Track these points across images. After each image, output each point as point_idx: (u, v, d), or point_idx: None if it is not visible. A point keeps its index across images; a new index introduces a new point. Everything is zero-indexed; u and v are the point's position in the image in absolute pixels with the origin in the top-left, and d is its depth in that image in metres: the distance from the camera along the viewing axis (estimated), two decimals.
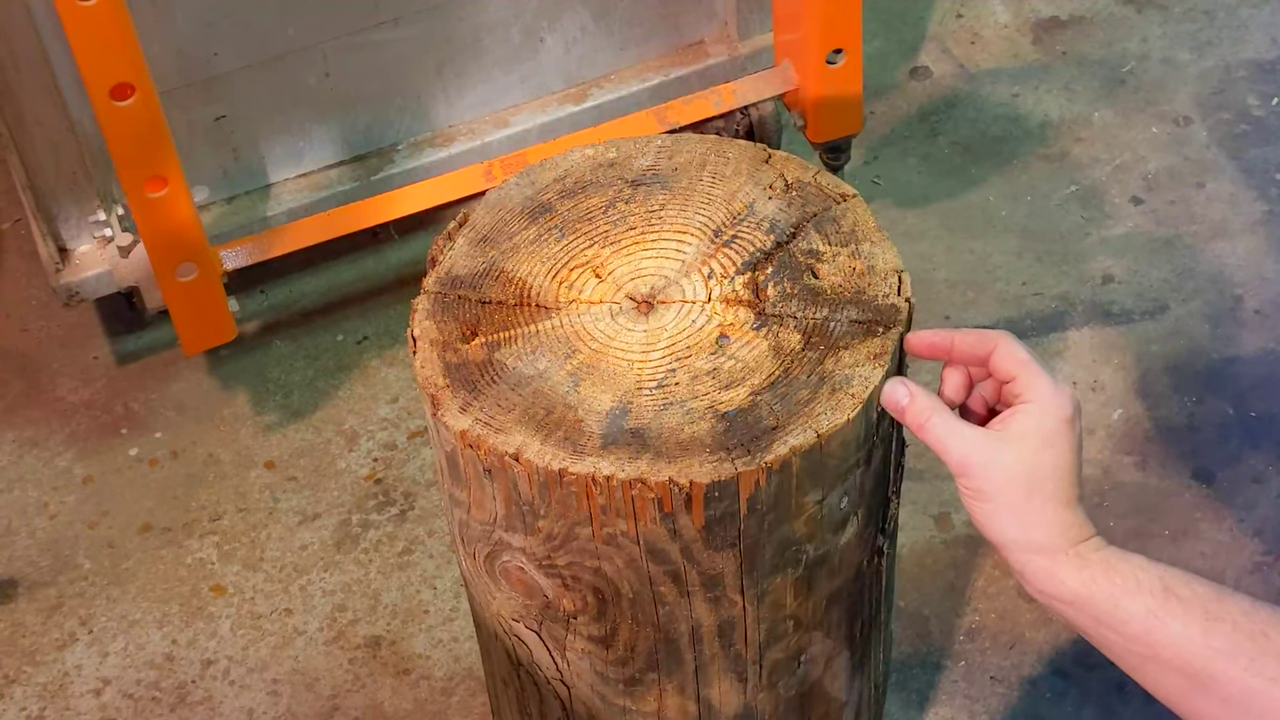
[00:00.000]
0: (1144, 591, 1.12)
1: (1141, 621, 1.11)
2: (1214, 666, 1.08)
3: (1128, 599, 1.12)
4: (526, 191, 1.34)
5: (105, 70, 1.75)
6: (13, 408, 2.21)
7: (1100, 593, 1.12)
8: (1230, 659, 1.08)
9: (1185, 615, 1.10)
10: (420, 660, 1.89)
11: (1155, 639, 1.10)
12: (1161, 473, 2.01)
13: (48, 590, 2.00)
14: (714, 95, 2.19)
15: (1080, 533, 1.15)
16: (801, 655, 1.32)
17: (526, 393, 1.19)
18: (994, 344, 1.18)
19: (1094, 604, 1.12)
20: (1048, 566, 1.14)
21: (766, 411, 1.16)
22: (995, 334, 1.19)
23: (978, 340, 1.19)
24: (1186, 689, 1.10)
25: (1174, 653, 1.10)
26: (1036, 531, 1.14)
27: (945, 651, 1.86)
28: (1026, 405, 1.15)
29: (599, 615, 1.24)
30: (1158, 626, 1.10)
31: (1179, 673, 1.10)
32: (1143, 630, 1.11)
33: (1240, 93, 2.49)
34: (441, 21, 2.12)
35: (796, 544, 1.22)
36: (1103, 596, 1.12)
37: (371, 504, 2.06)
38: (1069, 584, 1.13)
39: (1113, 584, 1.12)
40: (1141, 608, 1.11)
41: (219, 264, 2.00)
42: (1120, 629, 1.12)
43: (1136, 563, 1.14)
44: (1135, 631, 1.11)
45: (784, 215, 1.30)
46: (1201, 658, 1.09)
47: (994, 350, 1.18)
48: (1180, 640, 1.10)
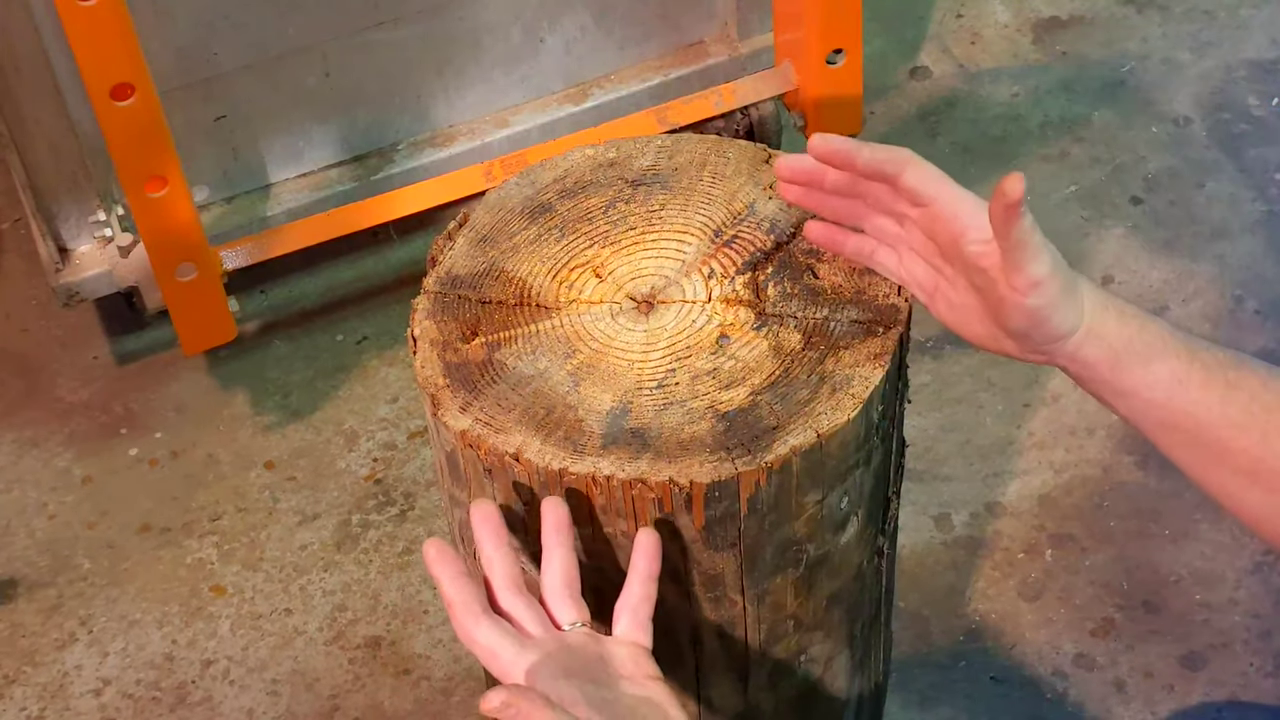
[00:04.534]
0: (1171, 356, 1.10)
1: (1164, 388, 1.09)
2: (1229, 438, 1.07)
3: (1155, 364, 1.09)
4: (526, 191, 1.34)
5: (105, 70, 1.75)
6: (12, 408, 2.21)
7: (1133, 357, 1.10)
8: (1245, 431, 1.07)
9: (1207, 383, 1.08)
10: (420, 660, 1.89)
11: (1176, 405, 1.09)
12: (1161, 473, 2.01)
13: (47, 590, 2.00)
14: (714, 95, 2.19)
15: (1104, 298, 1.13)
16: (801, 655, 1.32)
17: (526, 392, 1.19)
18: (904, 165, 1.13)
19: (1121, 368, 1.10)
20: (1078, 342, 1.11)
21: (767, 411, 1.16)
22: (903, 153, 1.14)
23: (887, 157, 1.14)
24: (1202, 458, 1.09)
25: (1194, 421, 1.08)
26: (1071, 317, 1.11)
27: (945, 651, 1.86)
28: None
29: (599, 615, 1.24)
30: (1180, 393, 1.08)
31: (1196, 443, 1.09)
32: (1164, 396, 1.09)
33: (1240, 93, 2.49)
34: (441, 21, 2.12)
35: (796, 544, 1.22)
36: (1134, 360, 1.10)
37: (371, 504, 2.05)
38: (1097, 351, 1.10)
39: (1146, 346, 1.10)
40: (1166, 373, 1.09)
41: (219, 264, 2.00)
42: (1141, 394, 1.09)
43: (1158, 324, 1.11)
44: (1157, 396, 1.09)
45: (784, 215, 1.30)
46: (1218, 428, 1.07)
47: (904, 172, 1.13)
48: (1200, 409, 1.08)
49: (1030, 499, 2.00)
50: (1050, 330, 1.11)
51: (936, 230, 1.14)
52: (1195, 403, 1.08)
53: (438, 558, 1.11)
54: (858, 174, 1.16)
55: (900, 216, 1.17)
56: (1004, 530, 1.97)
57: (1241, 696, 1.80)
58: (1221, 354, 1.10)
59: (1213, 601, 1.89)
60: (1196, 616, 1.88)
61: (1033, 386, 2.12)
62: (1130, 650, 1.85)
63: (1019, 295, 1.10)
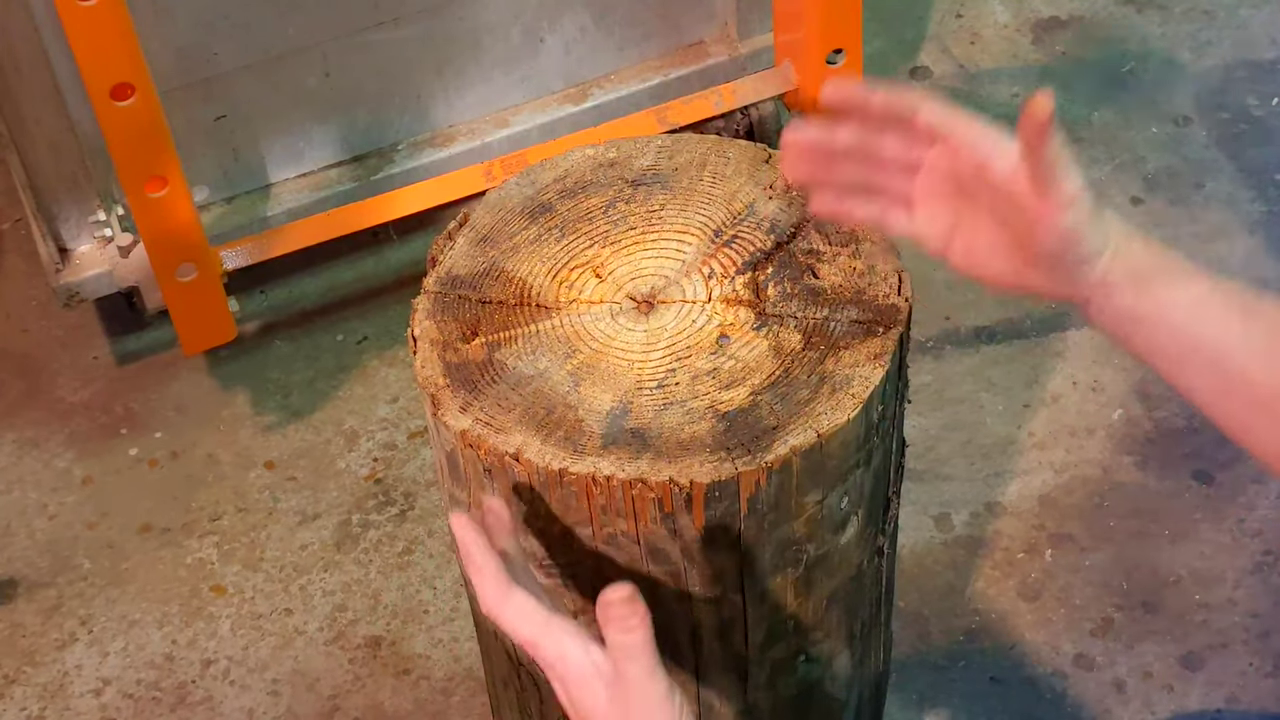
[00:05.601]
0: (1193, 282, 1.08)
1: (1185, 313, 1.07)
2: (1247, 366, 1.06)
3: (1177, 289, 1.08)
4: (526, 191, 1.34)
5: (105, 70, 1.75)
6: (13, 408, 2.21)
7: (1156, 282, 1.09)
8: (1264, 361, 1.05)
9: (1226, 309, 1.07)
10: (420, 660, 1.89)
11: (1196, 330, 1.07)
12: (1162, 473, 2.01)
13: (47, 590, 2.00)
14: (714, 95, 2.19)
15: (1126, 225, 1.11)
16: (801, 655, 1.32)
17: (527, 392, 1.19)
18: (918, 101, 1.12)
19: (1150, 294, 1.08)
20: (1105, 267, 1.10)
21: (767, 411, 1.16)
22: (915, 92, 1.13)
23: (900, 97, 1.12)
24: (1220, 389, 1.08)
25: (1211, 350, 1.07)
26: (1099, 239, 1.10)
27: (945, 651, 1.86)
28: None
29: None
30: (1201, 316, 1.07)
31: (1215, 372, 1.07)
32: (1184, 322, 1.07)
33: (1240, 93, 2.49)
34: (441, 21, 2.12)
35: (796, 544, 1.22)
36: (1158, 285, 1.08)
37: (371, 504, 2.06)
38: (1122, 277, 1.09)
39: (1168, 271, 1.09)
40: (1188, 298, 1.08)
41: (219, 264, 2.00)
42: (1164, 320, 1.08)
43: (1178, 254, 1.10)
44: (1177, 323, 1.08)
45: (784, 215, 1.30)
46: (1237, 355, 1.06)
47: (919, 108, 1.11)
48: (1219, 334, 1.06)
49: (1030, 499, 2.00)
50: (1083, 249, 1.09)
51: (958, 164, 1.12)
52: (1215, 328, 1.07)
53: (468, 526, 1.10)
54: (871, 119, 1.14)
55: (912, 167, 1.15)
56: (1004, 530, 1.97)
57: (1240, 697, 1.80)
58: (1241, 284, 1.09)
59: (1212, 601, 1.89)
60: (1195, 616, 1.88)
61: (1033, 386, 2.12)
62: (1129, 650, 1.85)
63: (1054, 214, 1.08)
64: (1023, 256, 1.11)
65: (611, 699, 1.05)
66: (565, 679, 1.07)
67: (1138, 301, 1.09)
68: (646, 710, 1.05)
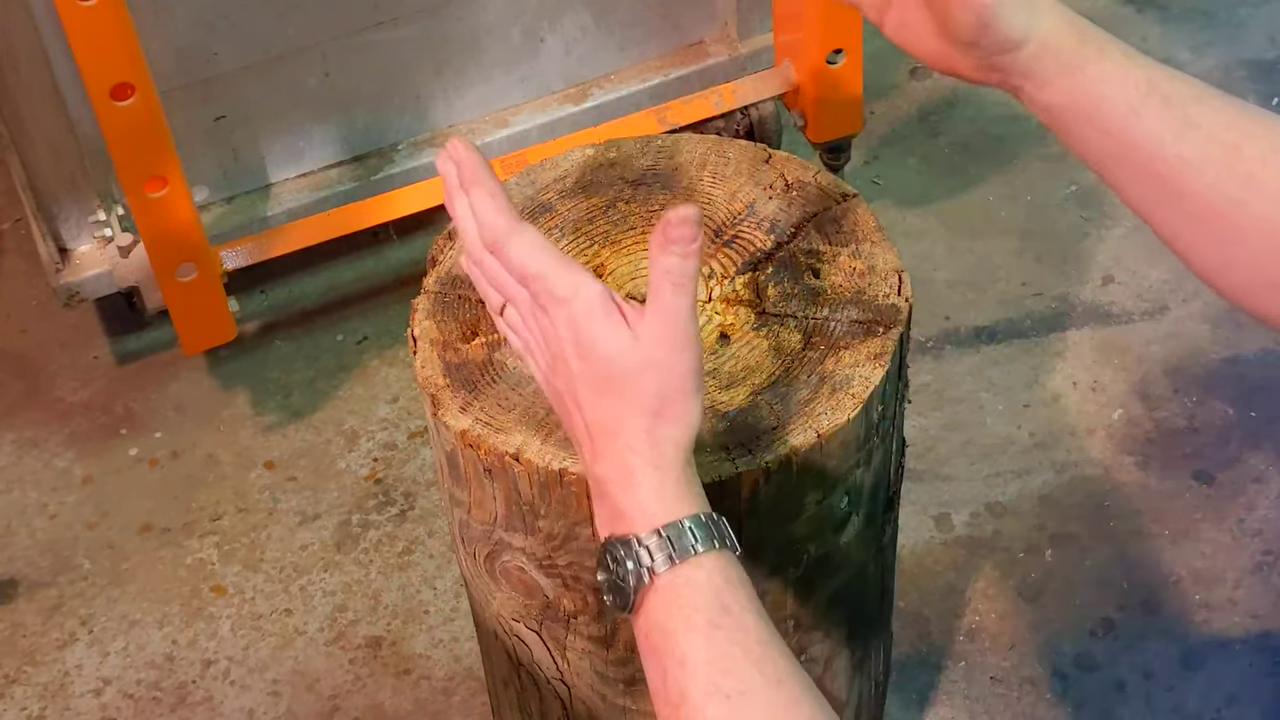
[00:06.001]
0: (1129, 83, 1.02)
1: (1119, 118, 1.02)
2: (1181, 178, 1.01)
3: (1111, 89, 1.02)
4: (526, 191, 1.34)
5: (105, 70, 1.75)
6: (13, 408, 2.21)
7: (1088, 79, 1.03)
8: (1198, 172, 1.00)
9: (1163, 115, 1.01)
10: (420, 660, 1.89)
11: (1130, 138, 1.02)
12: (1162, 473, 2.01)
13: (48, 590, 2.00)
14: (714, 95, 2.19)
15: (1064, 14, 1.05)
16: (801, 655, 1.32)
17: (526, 392, 1.19)
18: None
19: (1080, 91, 1.03)
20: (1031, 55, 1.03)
21: (767, 411, 1.16)
22: None
23: None
24: (1154, 198, 1.03)
25: (1146, 155, 1.02)
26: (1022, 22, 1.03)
27: (945, 651, 1.86)
28: None
29: (599, 615, 1.24)
30: (1133, 126, 1.02)
31: (1149, 178, 1.02)
32: (1118, 127, 1.02)
33: (1240, 93, 2.48)
34: (441, 21, 2.12)
35: (796, 544, 1.22)
36: (1089, 82, 1.03)
37: (371, 504, 2.06)
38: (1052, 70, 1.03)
39: (1102, 70, 1.02)
40: (1122, 102, 1.02)
41: (219, 264, 2.00)
42: (1096, 121, 1.03)
43: (1124, 49, 1.04)
44: (1110, 127, 1.02)
45: (784, 215, 1.30)
46: (1171, 166, 1.01)
47: None
48: (1153, 143, 1.01)
49: (1030, 499, 2.00)
50: (998, 33, 1.03)
51: None
52: (1152, 133, 1.01)
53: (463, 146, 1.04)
54: None
55: None
56: (1004, 530, 1.97)
57: (1240, 697, 1.80)
58: (1188, 86, 1.03)
59: (1212, 601, 1.89)
60: (1195, 616, 1.88)
61: (1033, 386, 2.12)
62: (1130, 650, 1.85)
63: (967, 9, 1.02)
64: (949, 38, 1.06)
65: (638, 333, 0.98)
66: (578, 315, 0.99)
67: (1071, 96, 1.03)
68: (678, 346, 0.98)
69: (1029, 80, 1.05)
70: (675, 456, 0.99)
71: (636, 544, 0.97)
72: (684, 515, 0.97)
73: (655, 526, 0.97)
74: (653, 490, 0.98)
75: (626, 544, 0.98)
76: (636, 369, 0.98)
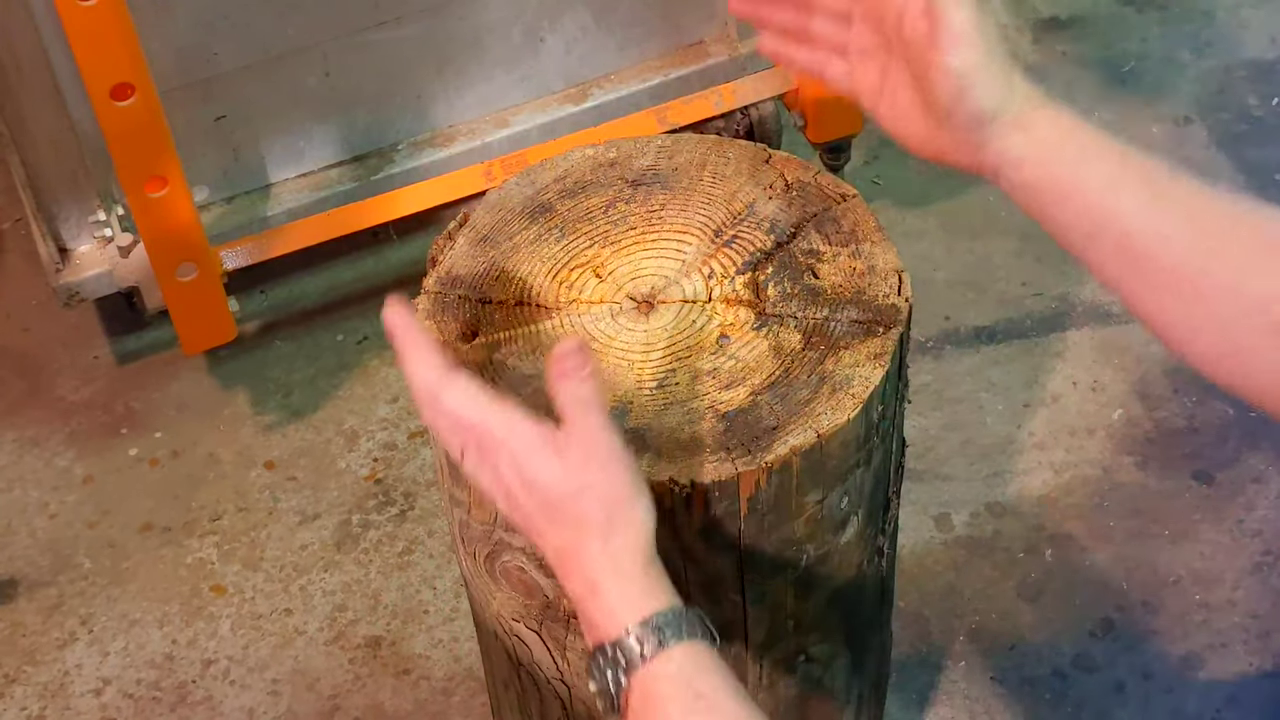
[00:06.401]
0: (1102, 158, 1.06)
1: (1094, 194, 1.06)
2: (1156, 250, 1.04)
3: (1081, 166, 1.06)
4: (526, 191, 1.35)
5: (105, 70, 1.75)
6: (13, 407, 2.21)
7: (1065, 156, 1.06)
8: (1167, 244, 1.04)
9: (1137, 190, 1.05)
10: (420, 660, 1.89)
11: (1100, 214, 1.06)
12: (1162, 473, 2.01)
13: (48, 590, 2.00)
14: (714, 95, 2.19)
15: (1039, 96, 1.09)
16: (801, 655, 1.32)
17: (527, 393, 1.19)
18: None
19: (1049, 170, 1.07)
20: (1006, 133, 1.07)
21: (767, 411, 1.16)
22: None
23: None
24: (1126, 270, 1.06)
25: (1116, 230, 1.05)
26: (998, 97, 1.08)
27: (945, 651, 1.86)
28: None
29: None
30: (1105, 202, 1.05)
31: (1121, 251, 1.06)
32: (1091, 203, 1.06)
33: (1240, 93, 2.49)
34: (441, 21, 2.12)
35: (796, 544, 1.22)
36: (1066, 158, 1.06)
37: (371, 504, 2.06)
38: (1027, 148, 1.07)
39: (1079, 146, 1.07)
40: (1095, 178, 1.06)
41: (219, 264, 2.00)
42: (1070, 199, 1.06)
43: (1095, 129, 1.08)
44: (1083, 204, 1.06)
45: (784, 215, 1.30)
46: (1144, 238, 1.05)
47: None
48: (1124, 218, 1.05)
49: (1030, 499, 2.00)
50: (973, 105, 1.07)
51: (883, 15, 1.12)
52: (1125, 208, 1.05)
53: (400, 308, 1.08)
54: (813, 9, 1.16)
55: (845, 17, 1.16)
56: (1004, 530, 1.97)
57: (1241, 697, 1.80)
58: (1154, 165, 1.07)
59: (1212, 601, 1.89)
60: (1195, 617, 1.88)
61: (1033, 386, 2.12)
62: (1130, 651, 1.85)
63: (940, 52, 1.07)
64: (933, 115, 1.10)
65: (567, 461, 1.04)
66: (518, 452, 1.04)
67: (1045, 175, 1.07)
68: (603, 462, 1.04)
69: (1006, 158, 1.08)
70: (634, 561, 1.03)
71: (610, 649, 1.02)
72: (651, 612, 1.02)
73: (623, 629, 1.02)
74: (618, 597, 1.03)
75: (603, 651, 1.03)
76: (574, 495, 1.03)
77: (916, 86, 1.10)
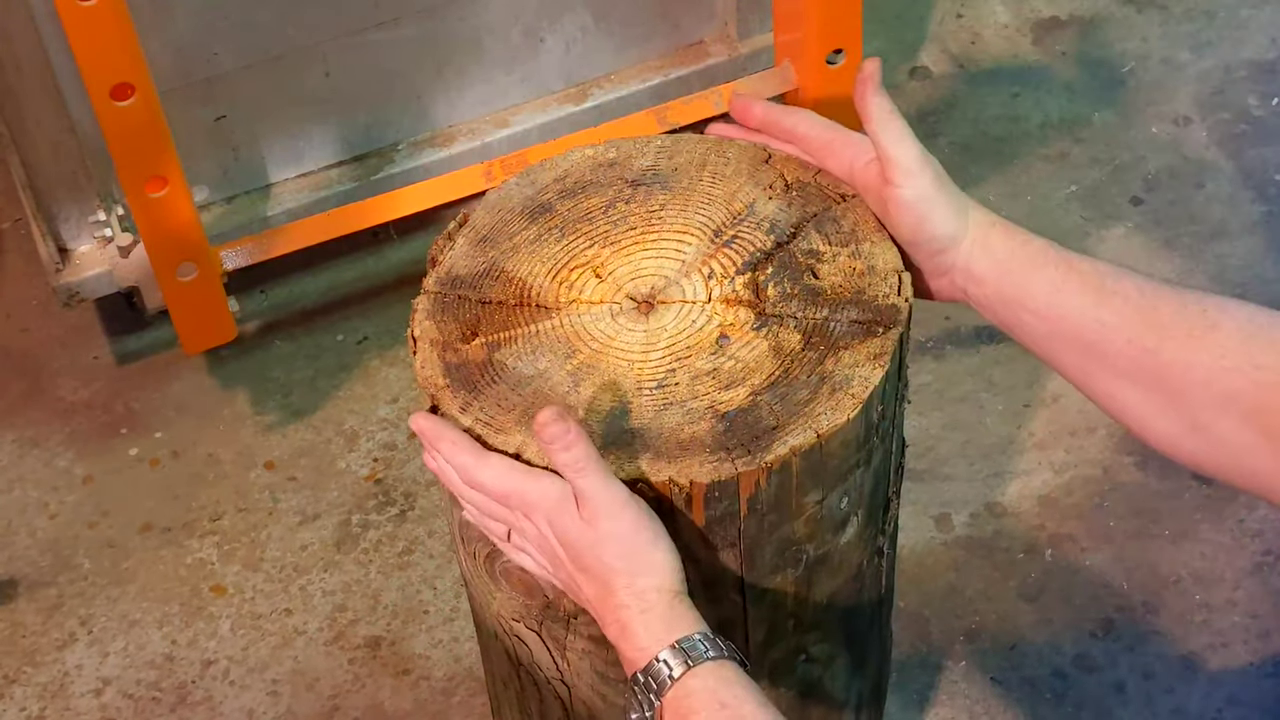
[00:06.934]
0: (1050, 264, 1.17)
1: (1046, 296, 1.16)
2: (1104, 340, 1.14)
3: (1035, 273, 1.17)
4: (526, 191, 1.35)
5: (105, 70, 1.75)
6: (13, 408, 2.21)
7: (1015, 267, 1.18)
8: (1117, 332, 1.13)
9: (1083, 290, 1.15)
10: (420, 660, 1.89)
11: (1056, 313, 1.16)
12: (1162, 473, 2.01)
13: (48, 590, 2.00)
14: (714, 95, 2.19)
15: (990, 215, 1.21)
16: (801, 655, 1.32)
17: (526, 393, 1.19)
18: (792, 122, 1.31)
19: (1008, 279, 1.18)
20: (967, 252, 1.20)
21: (766, 411, 1.16)
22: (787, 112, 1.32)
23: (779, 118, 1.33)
24: (1084, 363, 1.16)
25: (1071, 326, 1.15)
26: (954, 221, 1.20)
27: (945, 651, 1.86)
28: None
29: None
30: (1059, 301, 1.16)
31: (1077, 348, 1.16)
32: (1045, 304, 1.16)
33: (1240, 93, 2.49)
34: (441, 22, 2.12)
35: (796, 544, 1.22)
36: (1017, 270, 1.18)
37: (371, 504, 2.06)
38: (986, 263, 1.19)
39: (1028, 257, 1.18)
40: (1047, 282, 1.16)
41: (219, 264, 2.00)
42: (1027, 304, 1.17)
43: (1047, 242, 1.20)
44: (1040, 306, 1.17)
45: (784, 215, 1.30)
46: (1093, 331, 1.14)
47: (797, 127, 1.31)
48: (1075, 314, 1.15)
49: (1030, 499, 2.00)
50: (932, 230, 1.20)
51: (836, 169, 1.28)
52: (1072, 309, 1.15)
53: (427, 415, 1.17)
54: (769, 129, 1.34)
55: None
56: (1004, 530, 1.97)
57: (1241, 697, 1.80)
58: (1100, 265, 1.17)
59: (1212, 602, 1.89)
60: (1196, 617, 1.88)
61: (1033, 386, 2.12)
62: (1130, 651, 1.85)
63: (894, 186, 1.19)
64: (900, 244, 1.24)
65: (582, 519, 1.10)
66: (550, 513, 1.11)
67: (1003, 289, 1.19)
68: (612, 514, 1.10)
69: (970, 277, 1.20)
70: (659, 598, 1.10)
71: (642, 676, 1.08)
72: (678, 638, 1.08)
73: (653, 656, 1.08)
74: (644, 630, 1.09)
75: (636, 680, 1.09)
76: (595, 546, 1.10)
77: (883, 217, 1.24)
